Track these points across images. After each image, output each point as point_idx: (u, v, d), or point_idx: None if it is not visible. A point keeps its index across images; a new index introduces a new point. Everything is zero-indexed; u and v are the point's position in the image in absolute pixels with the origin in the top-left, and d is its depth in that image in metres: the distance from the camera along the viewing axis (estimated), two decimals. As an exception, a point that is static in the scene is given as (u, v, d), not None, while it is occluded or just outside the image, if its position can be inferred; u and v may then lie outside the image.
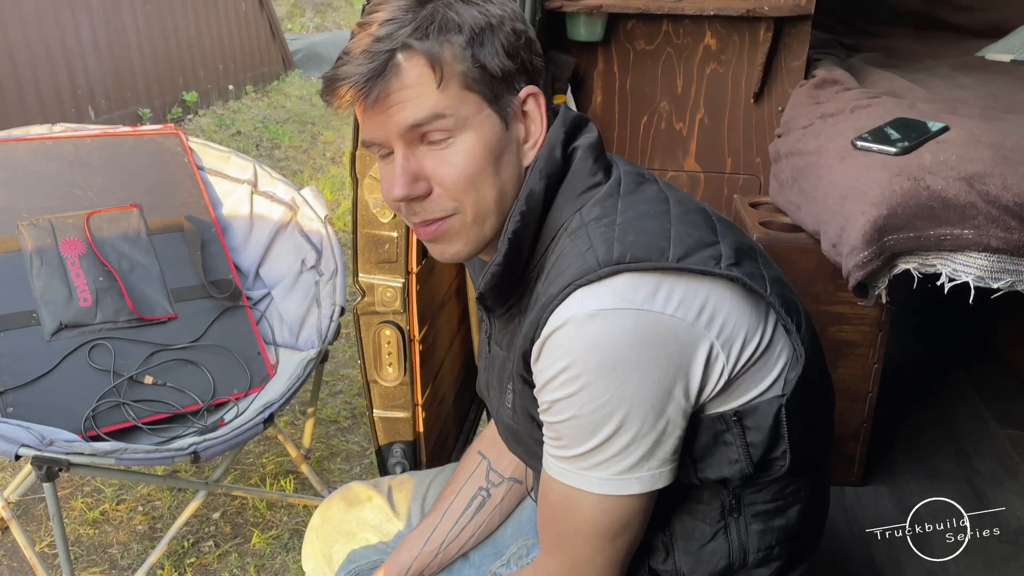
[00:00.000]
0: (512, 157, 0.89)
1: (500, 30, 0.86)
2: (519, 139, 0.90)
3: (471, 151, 0.85)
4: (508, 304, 0.96)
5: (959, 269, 1.40)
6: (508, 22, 0.87)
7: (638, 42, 2.04)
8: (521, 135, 0.90)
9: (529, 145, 0.91)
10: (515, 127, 0.90)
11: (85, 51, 5.12)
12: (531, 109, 0.90)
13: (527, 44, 0.89)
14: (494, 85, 0.86)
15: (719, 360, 0.82)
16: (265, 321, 2.20)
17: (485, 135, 0.86)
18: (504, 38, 0.86)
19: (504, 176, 0.89)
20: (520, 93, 0.89)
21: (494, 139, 0.87)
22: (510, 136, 0.89)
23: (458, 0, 0.86)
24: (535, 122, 0.90)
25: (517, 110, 0.89)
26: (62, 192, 2.10)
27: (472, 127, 0.85)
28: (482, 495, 1.24)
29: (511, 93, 0.88)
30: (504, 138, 0.88)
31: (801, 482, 0.96)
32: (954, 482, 1.86)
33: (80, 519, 2.23)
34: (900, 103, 1.77)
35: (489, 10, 0.86)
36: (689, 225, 0.86)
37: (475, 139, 0.85)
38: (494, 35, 0.86)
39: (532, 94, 0.89)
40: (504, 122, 0.88)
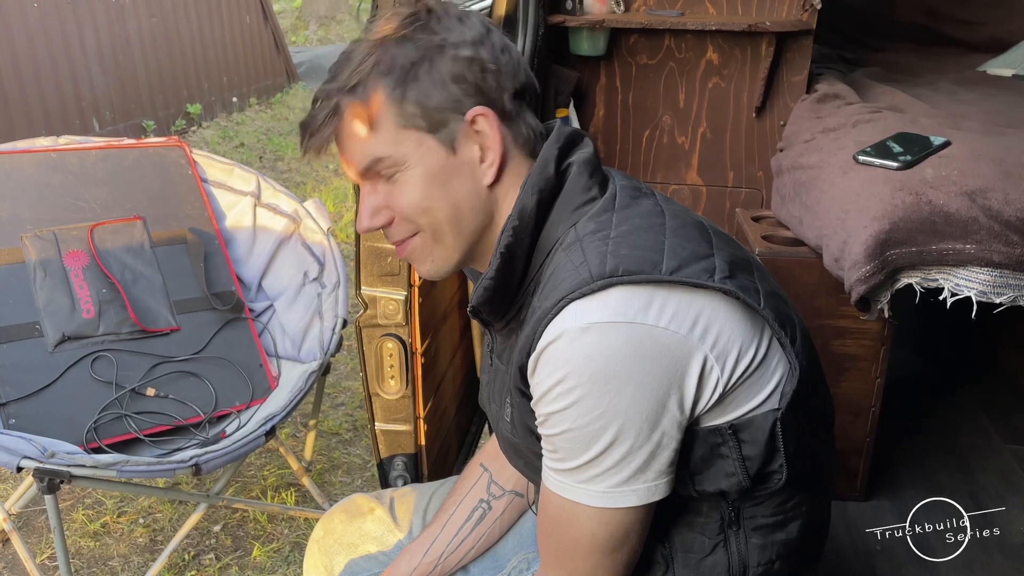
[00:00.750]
0: (464, 179, 0.91)
1: (440, 59, 0.88)
2: (473, 159, 0.91)
3: (415, 183, 0.90)
4: (507, 318, 0.97)
5: (961, 284, 1.40)
6: (450, 49, 0.89)
7: (640, 56, 2.05)
8: (475, 155, 0.91)
9: (487, 164, 0.91)
10: (465, 149, 0.91)
11: (90, 63, 5.14)
12: (482, 128, 0.90)
13: (474, 67, 0.89)
14: (433, 116, 0.89)
15: (713, 373, 0.82)
16: (267, 333, 2.21)
17: (428, 166, 0.90)
18: (445, 66, 0.89)
19: (457, 197, 0.91)
20: (467, 115, 0.90)
21: (438, 167, 0.90)
22: (459, 159, 0.90)
23: (398, 39, 0.89)
24: (488, 139, 0.90)
25: (467, 132, 0.90)
26: (66, 204, 2.11)
27: (413, 162, 0.89)
28: (483, 507, 1.24)
29: (457, 118, 0.89)
30: (450, 163, 0.90)
31: (802, 496, 0.96)
32: (957, 497, 1.85)
33: (81, 531, 2.23)
34: (902, 118, 1.77)
35: (431, 40, 0.89)
36: (684, 238, 0.87)
37: (419, 171, 0.90)
38: (432, 66, 0.88)
39: (480, 114, 0.90)
40: (450, 148, 0.90)
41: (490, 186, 0.92)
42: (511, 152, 0.93)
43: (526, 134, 0.94)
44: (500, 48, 0.91)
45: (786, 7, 1.96)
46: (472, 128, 0.90)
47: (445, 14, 0.91)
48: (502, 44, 0.92)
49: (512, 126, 0.93)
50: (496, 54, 0.91)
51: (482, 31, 0.91)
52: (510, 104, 0.92)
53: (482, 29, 0.91)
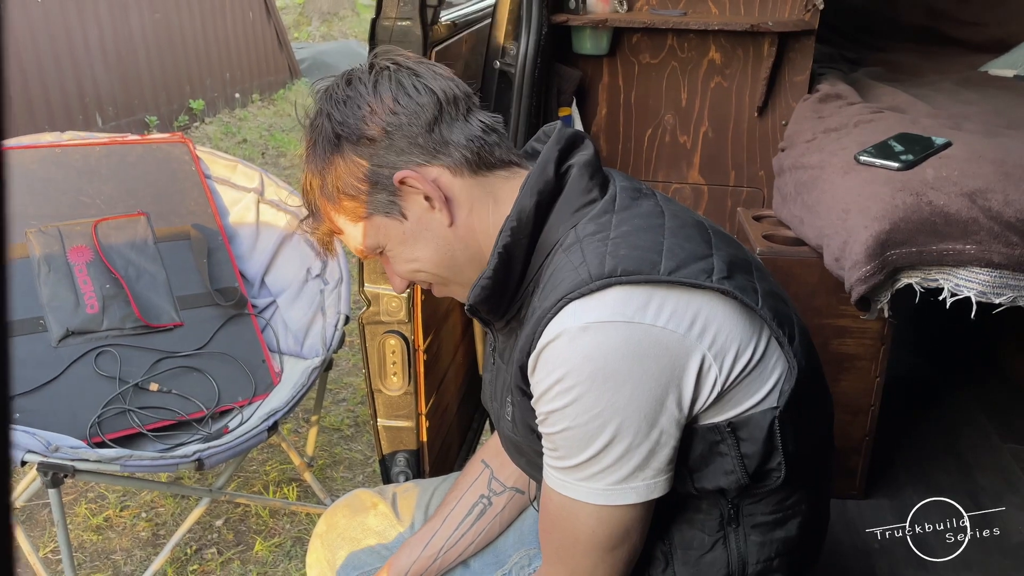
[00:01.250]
0: (427, 232, 0.94)
1: (349, 155, 0.92)
2: (424, 211, 0.93)
3: (396, 256, 0.97)
4: (507, 317, 0.98)
5: (961, 284, 1.41)
6: (348, 144, 0.93)
7: (643, 55, 2.06)
8: (425, 205, 0.93)
9: (436, 210, 0.93)
10: (413, 208, 0.93)
11: (93, 59, 5.15)
12: (414, 184, 0.91)
13: (376, 144, 0.92)
14: (369, 202, 0.93)
15: (711, 371, 0.83)
16: (270, 329, 2.21)
17: (395, 239, 0.95)
18: (351, 159, 0.92)
19: (429, 252, 0.95)
20: (395, 183, 0.92)
21: (402, 236, 0.95)
22: (412, 220, 0.94)
23: (310, 157, 0.96)
24: (423, 187, 0.92)
25: (404, 193, 0.92)
26: (70, 200, 2.12)
27: (383, 241, 0.96)
28: (483, 503, 1.25)
29: (388, 191, 0.92)
30: (409, 228, 0.94)
31: (801, 495, 0.97)
32: (956, 496, 1.86)
33: (84, 525, 2.24)
34: (903, 118, 1.78)
35: (329, 147, 0.93)
36: (683, 239, 0.88)
37: (391, 246, 0.96)
38: (345, 163, 0.92)
39: (401, 180, 0.91)
40: (400, 216, 0.93)
41: (450, 225, 0.94)
42: (453, 183, 0.93)
43: (461, 154, 0.93)
44: (393, 98, 0.92)
45: (788, 7, 1.97)
46: (407, 187, 0.92)
47: (332, 107, 0.93)
48: (394, 93, 0.92)
49: (442, 157, 0.93)
50: (391, 110, 0.92)
51: (369, 98, 0.92)
52: (427, 140, 0.92)
53: (368, 95, 0.92)
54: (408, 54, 0.98)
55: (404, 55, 0.97)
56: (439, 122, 0.92)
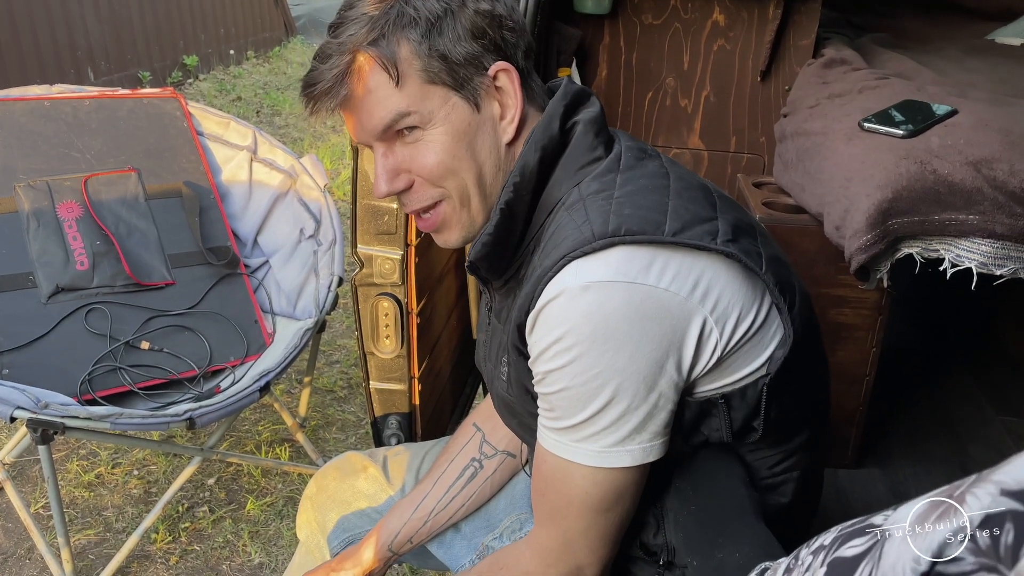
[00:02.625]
0: (487, 137, 0.90)
1: (462, 14, 0.86)
2: (494, 116, 0.90)
3: (442, 142, 0.87)
4: (506, 276, 0.96)
5: (962, 255, 1.39)
6: (471, 3, 0.87)
7: (645, 16, 2.01)
8: (496, 112, 0.90)
9: (507, 121, 0.91)
10: (488, 106, 0.90)
11: (85, 11, 5.05)
12: (504, 84, 0.89)
13: (494, 22, 0.88)
14: (458, 72, 0.87)
15: (712, 335, 0.82)
16: (263, 289, 2.20)
17: (454, 123, 0.87)
18: (467, 20, 0.86)
19: (481, 156, 0.89)
20: (490, 71, 0.88)
21: (464, 125, 0.88)
22: (482, 117, 0.89)
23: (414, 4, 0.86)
24: (509, 96, 0.90)
25: (489, 88, 0.89)
26: (59, 154, 2.08)
27: (439, 118, 0.87)
28: (474, 466, 1.24)
29: (480, 74, 0.88)
30: (475, 121, 0.89)
31: (794, 460, 0.97)
32: (948, 468, 1.86)
33: (75, 482, 2.24)
34: (908, 85, 1.74)
35: None
36: (688, 200, 0.86)
37: (444, 129, 0.87)
38: (455, 20, 0.86)
39: (503, 70, 0.89)
40: (474, 105, 0.88)
41: (509, 144, 0.91)
42: (528, 109, 0.92)
43: (537, 91, 0.94)
44: (511, 5, 0.90)
45: (795, -32, 1.92)
46: (494, 84, 0.89)
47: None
48: (511, 2, 0.91)
49: (525, 83, 0.92)
50: (509, 10, 0.90)
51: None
52: (523, 61, 0.91)
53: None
54: None
55: None
56: (529, 55, 0.93)
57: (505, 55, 0.89)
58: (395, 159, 0.90)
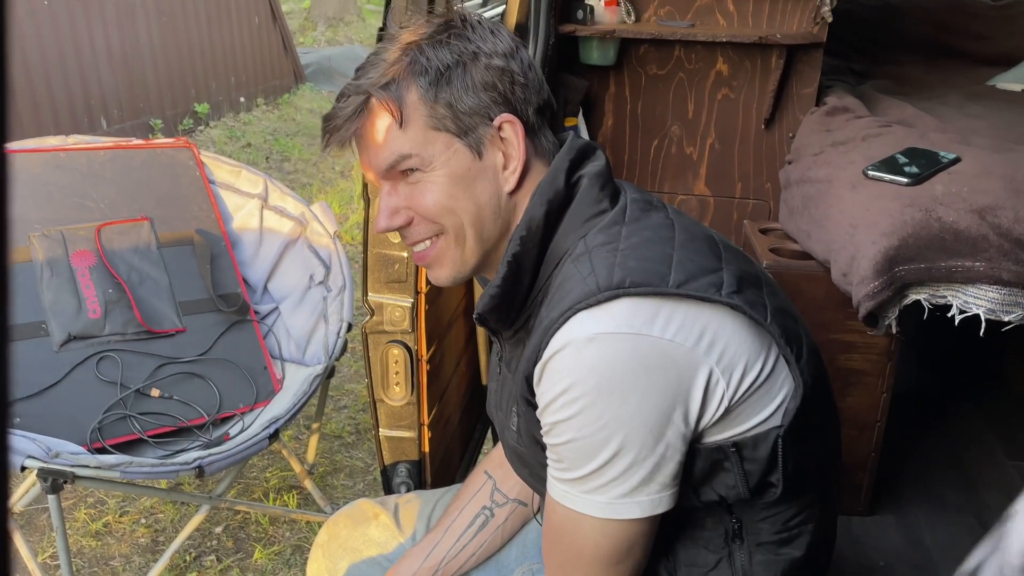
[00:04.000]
0: (488, 183, 0.92)
1: (473, 67, 0.90)
2: (497, 165, 0.92)
3: (440, 184, 0.91)
4: (515, 327, 0.97)
5: (970, 301, 1.39)
6: (484, 58, 0.90)
7: (650, 67, 2.05)
8: (499, 161, 0.92)
9: (509, 171, 0.93)
10: (491, 154, 0.92)
11: (99, 61, 5.16)
12: (508, 136, 0.92)
13: (505, 76, 0.91)
14: (463, 120, 0.90)
15: (719, 386, 0.82)
16: (272, 336, 2.20)
17: (454, 168, 0.90)
18: (477, 73, 0.90)
19: (479, 200, 0.92)
20: (495, 122, 0.91)
21: (463, 170, 0.91)
22: (484, 164, 0.92)
23: (433, 43, 0.90)
24: (513, 147, 0.92)
25: (493, 138, 0.91)
26: (74, 204, 2.11)
27: (440, 162, 0.90)
28: (485, 514, 1.24)
29: (485, 123, 0.91)
30: (476, 167, 0.91)
31: (808, 514, 0.96)
32: (961, 514, 1.85)
33: (83, 531, 2.23)
34: (911, 132, 1.77)
35: (464, 48, 0.90)
36: (692, 252, 0.87)
37: (444, 172, 0.90)
38: (465, 72, 0.90)
39: (508, 121, 0.91)
40: (477, 152, 0.91)
41: (511, 193, 0.93)
42: (532, 161, 0.94)
43: (545, 146, 0.96)
44: (528, 64, 0.93)
45: (797, 20, 1.96)
46: (499, 135, 0.92)
47: (479, 24, 0.93)
48: (529, 61, 0.94)
49: (534, 138, 0.94)
50: (524, 68, 0.93)
51: (512, 46, 0.93)
52: (533, 117, 0.94)
53: (512, 44, 0.93)
54: None
55: None
56: (544, 112, 0.95)
57: (513, 108, 0.92)
58: (397, 197, 0.93)
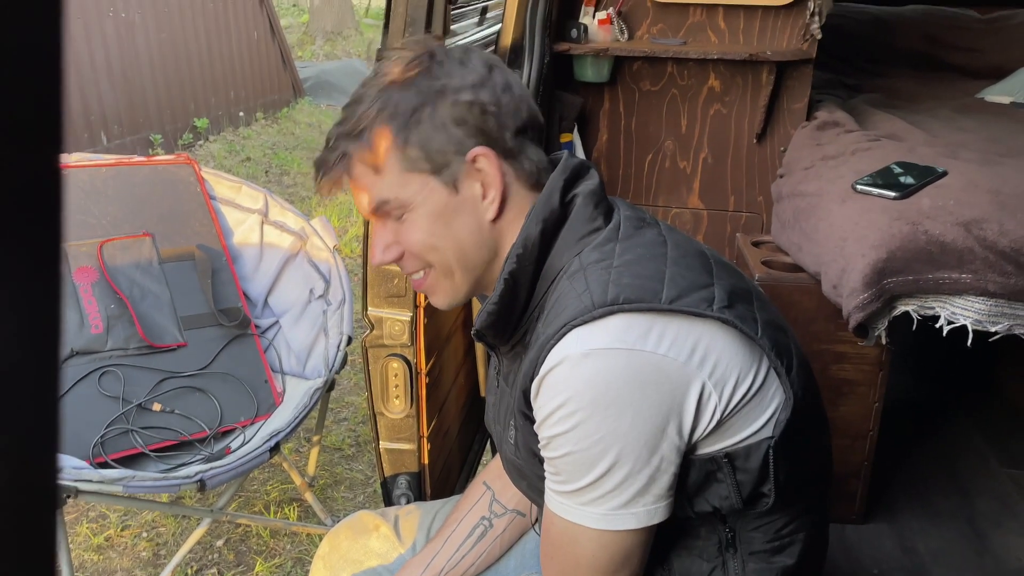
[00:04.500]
0: (468, 216, 0.95)
1: (441, 104, 0.92)
2: (475, 196, 0.94)
3: (421, 223, 0.94)
4: (512, 342, 1.00)
5: (957, 312, 1.42)
6: (451, 94, 0.92)
7: (643, 83, 2.08)
8: (478, 192, 0.94)
9: (488, 200, 0.94)
10: (468, 187, 0.94)
11: (99, 77, 5.20)
12: (483, 167, 0.93)
13: (474, 109, 0.92)
14: (435, 158, 0.92)
15: (712, 399, 0.85)
16: (273, 349, 2.23)
17: (432, 206, 0.93)
18: (445, 111, 0.92)
19: (461, 235, 0.95)
20: (468, 156, 0.93)
21: (441, 207, 0.94)
22: (462, 198, 0.94)
23: (401, 85, 0.92)
24: (489, 177, 0.93)
25: (469, 171, 0.93)
26: (76, 220, 2.14)
27: (419, 202, 0.93)
28: (484, 525, 1.26)
29: (458, 158, 0.93)
30: (453, 202, 0.94)
31: (799, 523, 0.98)
32: (955, 522, 1.87)
33: (85, 545, 2.24)
34: (900, 146, 1.80)
35: (431, 86, 0.92)
36: (685, 268, 0.90)
37: (424, 212, 0.94)
38: (434, 110, 0.92)
39: (480, 155, 0.93)
40: (453, 187, 0.93)
41: (493, 221, 0.95)
42: (512, 188, 0.96)
43: (528, 169, 0.97)
44: (502, 88, 0.94)
45: (787, 37, 2.00)
46: (474, 167, 0.93)
47: (447, 57, 0.94)
48: (504, 83, 0.95)
49: (514, 163, 0.96)
50: (497, 95, 0.94)
51: (483, 73, 0.94)
52: (511, 142, 0.95)
53: (483, 71, 0.94)
54: None
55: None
56: (526, 131, 0.96)
57: (488, 138, 0.93)
58: (387, 233, 0.97)
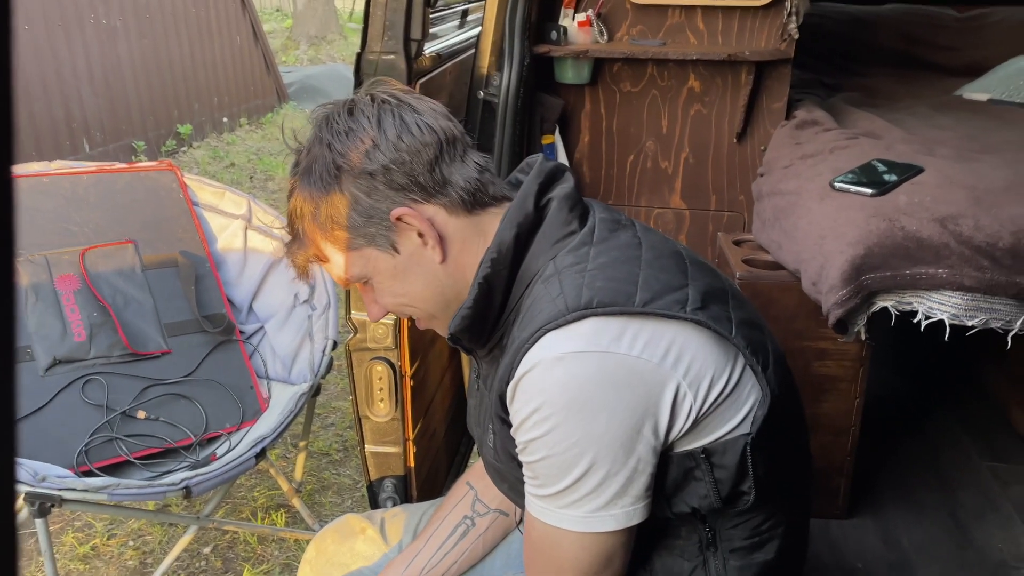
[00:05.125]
0: (418, 268, 0.96)
1: (346, 184, 0.93)
2: (417, 248, 0.95)
3: (383, 289, 0.98)
4: (489, 345, 1.00)
5: (934, 307, 1.44)
6: (348, 177, 0.93)
7: (624, 84, 2.10)
8: (418, 242, 0.95)
9: (429, 248, 0.95)
10: (406, 244, 0.95)
11: (80, 84, 5.17)
12: (410, 222, 0.93)
13: (376, 177, 0.92)
14: (362, 232, 0.94)
15: (687, 399, 0.86)
16: (258, 355, 2.22)
17: (384, 272, 0.96)
18: (349, 190, 0.93)
19: (419, 287, 0.97)
20: (391, 219, 0.93)
21: (391, 270, 0.96)
22: (405, 254, 0.95)
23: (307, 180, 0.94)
24: (419, 224, 0.93)
25: (400, 228, 0.94)
26: (58, 228, 2.13)
27: (371, 272, 0.97)
28: (466, 523, 1.26)
29: (383, 224, 0.93)
30: (399, 262, 0.96)
31: (777, 519, 0.99)
32: (938, 515, 1.88)
33: (71, 554, 2.23)
34: (877, 144, 1.82)
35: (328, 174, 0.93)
36: (658, 270, 0.90)
37: (379, 279, 0.97)
38: (341, 191, 0.93)
39: (400, 215, 0.93)
40: (392, 249, 0.95)
41: (442, 262, 0.96)
42: (448, 223, 0.95)
43: (459, 194, 0.95)
44: (396, 135, 0.93)
45: (765, 37, 2.02)
46: (402, 223, 0.94)
47: (332, 133, 0.94)
48: (397, 129, 0.93)
49: (440, 197, 0.95)
50: (394, 146, 0.93)
51: (373, 133, 0.93)
52: (429, 180, 0.94)
53: (372, 130, 0.93)
54: (405, 88, 1.01)
55: (402, 89, 0.99)
56: (439, 162, 0.94)
57: (403, 190, 0.93)
58: (369, 296, 1.01)
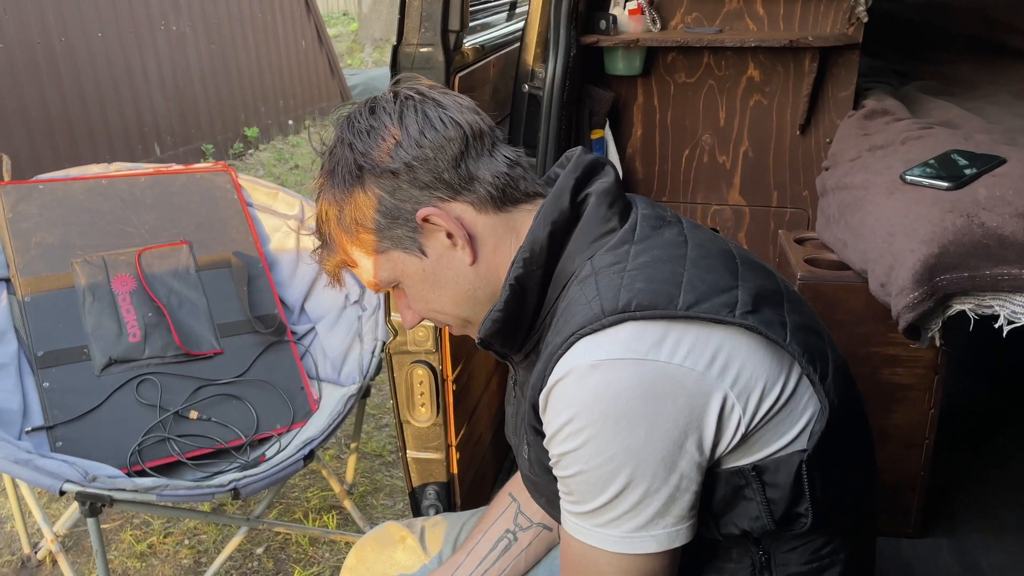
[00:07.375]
0: (448, 271, 0.92)
1: (369, 185, 0.89)
2: (446, 250, 0.91)
3: (413, 293, 0.95)
4: (525, 350, 0.95)
5: (1018, 311, 1.32)
6: (370, 174, 0.89)
7: (679, 75, 2.01)
8: (446, 243, 0.90)
9: (458, 248, 0.90)
10: (435, 244, 0.91)
11: (152, 89, 5.32)
12: (437, 222, 0.89)
13: (399, 176, 0.89)
14: (389, 235, 0.91)
15: (735, 411, 0.78)
16: (309, 356, 2.22)
17: (412, 276, 0.93)
18: (373, 190, 0.89)
19: (450, 291, 0.93)
20: (417, 221, 0.89)
21: (420, 273, 0.92)
22: (433, 257, 0.91)
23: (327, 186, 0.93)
24: (447, 224, 0.89)
25: (427, 229, 0.90)
26: (115, 230, 2.17)
27: (400, 275, 0.93)
28: (508, 538, 1.21)
29: (409, 227, 0.90)
30: (428, 265, 0.92)
31: (839, 542, 0.91)
32: (1019, 536, 1.75)
33: (128, 552, 2.27)
34: (954, 134, 1.70)
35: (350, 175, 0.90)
36: (705, 270, 0.83)
37: (409, 283, 0.94)
38: (365, 193, 0.90)
39: (427, 215, 0.89)
40: (420, 253, 0.91)
41: (473, 263, 0.91)
42: (476, 220, 0.91)
43: (487, 190, 0.91)
44: (419, 131, 0.89)
45: (830, 21, 1.91)
46: (429, 224, 0.90)
47: (354, 137, 0.90)
48: (420, 125, 0.89)
49: (467, 194, 0.90)
50: (416, 143, 0.89)
51: (395, 129, 0.89)
52: (454, 176, 0.89)
53: (394, 126, 0.89)
54: (432, 83, 0.96)
55: (428, 84, 0.95)
56: (465, 157, 0.90)
57: (428, 189, 0.89)
58: (402, 302, 0.98)
